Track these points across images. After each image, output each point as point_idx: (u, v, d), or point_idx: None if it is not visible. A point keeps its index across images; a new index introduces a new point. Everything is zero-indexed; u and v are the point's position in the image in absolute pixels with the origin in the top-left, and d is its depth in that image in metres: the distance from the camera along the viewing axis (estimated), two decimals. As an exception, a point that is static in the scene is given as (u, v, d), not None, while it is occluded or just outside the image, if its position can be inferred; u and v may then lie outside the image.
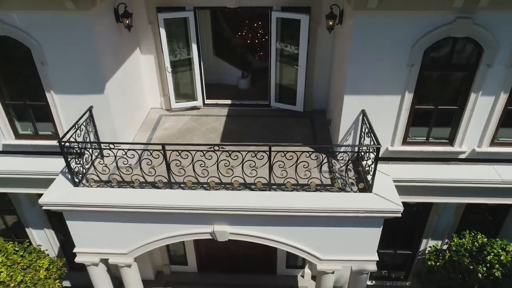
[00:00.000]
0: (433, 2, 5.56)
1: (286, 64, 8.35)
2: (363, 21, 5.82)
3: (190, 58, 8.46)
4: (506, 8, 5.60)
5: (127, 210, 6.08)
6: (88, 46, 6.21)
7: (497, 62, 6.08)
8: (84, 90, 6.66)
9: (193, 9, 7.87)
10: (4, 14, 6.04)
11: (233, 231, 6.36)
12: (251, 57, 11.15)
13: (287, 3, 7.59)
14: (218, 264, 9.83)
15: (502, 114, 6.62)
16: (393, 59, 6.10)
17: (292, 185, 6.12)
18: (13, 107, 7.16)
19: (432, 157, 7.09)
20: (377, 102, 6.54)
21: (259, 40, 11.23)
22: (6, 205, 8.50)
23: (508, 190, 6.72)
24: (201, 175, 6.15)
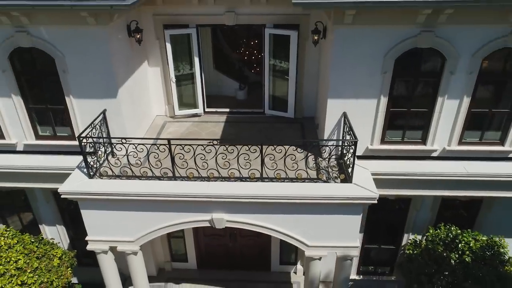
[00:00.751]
0: (399, 18, 6.55)
1: (278, 78, 9.29)
2: (342, 34, 6.81)
3: (192, 73, 9.44)
4: (462, 23, 6.59)
5: (135, 198, 6.88)
6: (104, 56, 7.18)
7: (459, 70, 7.04)
8: (99, 94, 7.58)
9: (196, 27, 8.90)
10: (33, 28, 7.04)
11: (230, 218, 7.14)
12: (248, 72, 12.17)
13: (279, 21, 8.61)
14: (217, 262, 10.49)
15: (467, 116, 7.52)
16: (368, 67, 7.05)
17: (282, 178, 6.94)
18: (35, 111, 8.07)
19: (408, 155, 7.94)
20: (357, 105, 7.45)
21: (255, 57, 12.26)
22: (23, 202, 9.27)
23: (474, 183, 7.54)
24: (201, 167, 6.98)
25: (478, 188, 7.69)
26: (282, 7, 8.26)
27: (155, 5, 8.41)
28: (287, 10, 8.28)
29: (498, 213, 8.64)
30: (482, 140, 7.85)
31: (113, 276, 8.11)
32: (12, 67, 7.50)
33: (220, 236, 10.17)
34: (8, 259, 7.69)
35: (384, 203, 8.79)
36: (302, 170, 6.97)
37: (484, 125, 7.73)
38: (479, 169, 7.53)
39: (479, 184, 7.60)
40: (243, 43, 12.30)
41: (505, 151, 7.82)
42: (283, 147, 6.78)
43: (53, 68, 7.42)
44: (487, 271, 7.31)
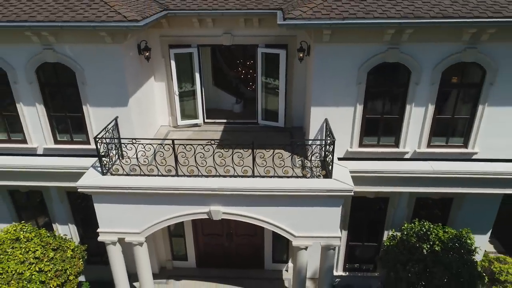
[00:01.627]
0: (368, 37, 7.77)
1: (269, 93, 10.42)
2: (321, 51, 8.01)
3: (194, 90, 10.62)
4: (422, 41, 7.79)
5: (143, 192, 7.87)
6: (118, 69, 8.35)
7: (422, 81, 8.19)
8: (112, 103, 8.70)
9: (197, 46, 10.14)
10: (58, 46, 8.24)
11: (225, 210, 8.10)
12: (244, 88, 13.36)
13: (269, 41, 9.85)
14: (214, 260, 11.32)
15: (433, 121, 8.62)
16: (345, 79, 8.21)
17: (270, 176, 7.93)
18: (55, 118, 9.17)
19: (383, 157, 8.99)
20: (337, 112, 8.57)
21: (250, 75, 13.50)
22: (39, 203, 10.24)
23: (440, 180, 8.54)
24: (200, 165, 8.00)
25: (444, 185, 8.68)
26: (272, 30, 9.52)
27: (162, 28, 9.68)
28: (276, 32, 9.54)
29: (468, 211, 9.60)
30: (448, 143, 8.93)
31: (120, 266, 8.98)
32: (37, 79, 8.67)
33: (217, 235, 11.07)
34: (27, 249, 8.61)
35: (365, 202, 9.79)
36: (288, 167, 8.00)
37: (449, 130, 8.82)
38: (444, 168, 8.55)
39: (445, 181, 8.60)
40: (239, 63, 13.56)
41: (468, 153, 8.87)
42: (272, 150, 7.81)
43: (73, 80, 8.59)
44: (454, 258, 8.21)
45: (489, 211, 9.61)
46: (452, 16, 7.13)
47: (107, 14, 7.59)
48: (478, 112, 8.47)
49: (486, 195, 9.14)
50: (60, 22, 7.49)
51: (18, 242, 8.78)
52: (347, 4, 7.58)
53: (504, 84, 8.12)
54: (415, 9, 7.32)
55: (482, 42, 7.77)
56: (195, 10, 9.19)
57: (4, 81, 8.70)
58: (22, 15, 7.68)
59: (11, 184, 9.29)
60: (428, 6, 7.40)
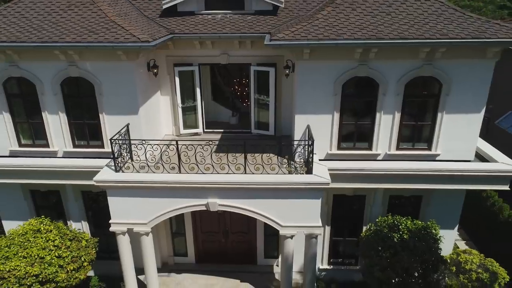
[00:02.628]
0: (341, 55, 9.29)
1: (261, 107, 11.86)
2: (302, 67, 9.53)
3: (195, 103, 12.09)
4: (387, 58, 9.31)
5: (150, 185, 9.19)
6: (131, 83, 9.84)
7: (389, 92, 9.67)
8: (124, 112, 10.14)
9: (198, 65, 11.67)
10: (81, 63, 9.77)
11: (221, 202, 9.39)
12: (239, 103, 14.84)
13: (261, 60, 11.37)
14: (212, 257, 12.47)
15: (400, 127, 10.04)
16: (324, 90, 9.69)
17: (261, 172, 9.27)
18: (75, 125, 10.59)
19: (359, 158, 10.34)
20: (317, 120, 10.00)
21: (245, 92, 15.01)
22: (56, 202, 11.50)
23: (407, 176, 9.85)
24: (200, 163, 9.36)
25: (412, 182, 9.96)
26: (263, 50, 11.04)
27: (168, 48, 11.24)
28: (266, 53, 11.09)
29: (435, 207, 10.86)
30: (414, 146, 10.32)
31: (128, 255, 10.17)
32: (61, 91, 10.14)
33: (215, 233, 12.28)
34: (47, 238, 9.83)
35: (345, 200, 11.08)
36: (275, 165, 9.36)
37: (415, 134, 10.23)
38: (411, 166, 9.90)
39: (412, 178, 9.89)
40: (235, 82, 15.09)
41: (432, 155, 10.24)
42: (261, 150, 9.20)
43: (92, 92, 10.07)
44: (420, 244, 9.44)
45: (454, 207, 10.87)
46: (407, 37, 8.68)
47: (123, 36, 9.14)
48: (438, 119, 9.91)
49: (450, 192, 10.45)
50: (86, 42, 9.04)
51: (39, 232, 10.00)
52: (322, 28, 9.15)
53: (457, 95, 9.60)
54: (377, 32, 8.88)
55: (436, 60, 9.30)
56: (197, 34, 10.76)
57: (33, 92, 10.19)
58: (53, 37, 9.25)
59: (35, 182, 10.58)
60: (388, 30, 8.97)
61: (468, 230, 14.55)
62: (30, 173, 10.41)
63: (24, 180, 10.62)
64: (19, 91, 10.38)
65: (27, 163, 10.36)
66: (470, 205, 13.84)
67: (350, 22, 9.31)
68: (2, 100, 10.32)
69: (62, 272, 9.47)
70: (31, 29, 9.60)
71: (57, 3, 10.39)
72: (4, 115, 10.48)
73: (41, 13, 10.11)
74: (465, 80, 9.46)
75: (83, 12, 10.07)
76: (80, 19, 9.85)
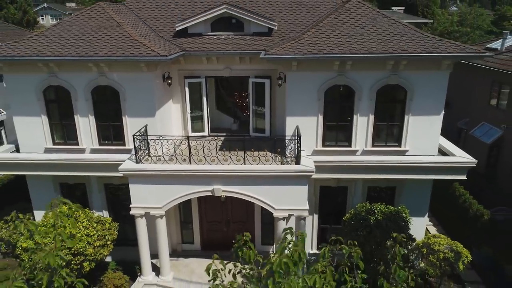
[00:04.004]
0: (323, 67, 11.36)
1: (258, 117, 13.88)
2: (291, 77, 11.59)
3: (202, 109, 14.13)
4: (361, 69, 11.37)
5: (165, 174, 11.07)
6: (149, 90, 11.89)
7: (363, 97, 11.69)
8: (143, 114, 12.13)
9: (205, 77, 13.77)
10: (109, 73, 11.84)
11: (224, 189, 11.25)
12: (240, 113, 16.84)
13: (258, 73, 13.45)
14: (215, 244, 14.15)
15: (374, 127, 12.01)
16: (309, 96, 11.71)
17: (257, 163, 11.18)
18: (101, 126, 12.57)
19: (341, 153, 12.23)
20: (305, 121, 11.97)
21: (245, 104, 17.04)
22: (80, 195, 13.35)
23: (380, 168, 11.73)
24: (207, 155, 11.28)
25: (385, 173, 11.84)
26: (260, 65, 13.14)
27: (180, 63, 13.35)
28: (262, 67, 13.18)
29: (407, 196, 12.67)
30: (387, 143, 12.25)
31: (144, 236, 11.95)
32: (92, 97, 12.18)
33: (218, 222, 14.05)
34: (77, 220, 11.64)
35: (330, 191, 12.91)
36: (269, 157, 11.28)
37: (387, 133, 12.18)
38: (383, 159, 11.80)
39: (385, 169, 11.79)
40: (236, 94, 17.16)
41: (402, 151, 12.16)
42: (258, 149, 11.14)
43: (117, 98, 12.10)
44: (391, 224, 11.23)
45: (424, 196, 12.69)
46: (374, 52, 10.78)
47: (146, 51, 11.25)
48: (405, 120, 11.89)
49: (419, 183, 12.30)
50: (115, 56, 11.15)
51: (69, 216, 11.82)
52: (307, 46, 11.25)
53: (420, 100, 11.61)
54: (351, 48, 10.99)
55: (400, 71, 11.36)
56: (204, 51, 12.89)
57: (67, 99, 12.23)
58: (89, 52, 11.37)
59: (67, 174, 12.47)
60: (360, 46, 11.07)
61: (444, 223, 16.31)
62: (62, 166, 12.32)
63: (57, 172, 12.51)
64: (56, 97, 12.42)
65: (61, 157, 12.28)
66: (447, 202, 15.71)
67: (330, 40, 11.43)
68: (41, 105, 12.35)
69: (90, 248, 11.25)
70: (69, 46, 11.73)
71: (89, 26, 12.58)
72: (42, 118, 12.48)
73: (77, 33, 12.28)
74: (425, 88, 11.49)
75: (111, 33, 12.23)
76: (109, 39, 11.99)
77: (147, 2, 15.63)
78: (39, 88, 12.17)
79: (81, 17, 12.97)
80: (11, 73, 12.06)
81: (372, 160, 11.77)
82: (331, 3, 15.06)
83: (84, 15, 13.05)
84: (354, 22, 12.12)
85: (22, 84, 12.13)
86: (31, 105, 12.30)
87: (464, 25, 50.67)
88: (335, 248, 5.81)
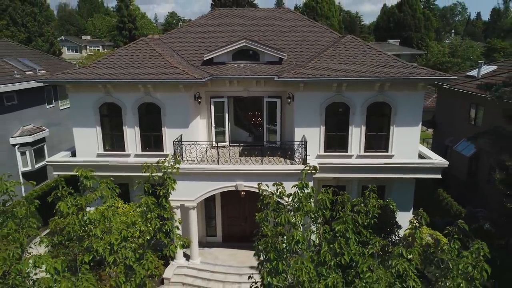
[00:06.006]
0: (324, 88, 14.36)
1: (271, 129, 16.81)
2: (298, 96, 14.57)
3: (224, 128, 17.06)
4: (354, 90, 14.35)
5: (198, 172, 13.85)
6: (185, 106, 14.87)
7: (357, 112, 14.61)
8: (179, 126, 15.05)
9: (227, 97, 16.79)
10: (153, 93, 14.86)
11: (246, 184, 13.98)
12: (254, 129, 19.77)
13: (271, 94, 16.46)
14: (234, 237, 16.68)
15: (366, 137, 14.86)
16: (313, 111, 14.65)
17: (272, 164, 13.96)
18: (144, 136, 15.47)
19: (339, 157, 15.02)
20: (310, 131, 14.85)
21: (258, 122, 20.01)
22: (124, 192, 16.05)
23: (371, 168, 14.47)
24: (231, 157, 14.08)
25: (375, 172, 14.58)
26: (272, 87, 16.16)
27: (207, 86, 16.40)
28: (274, 89, 16.20)
29: (395, 194, 15.32)
30: (376, 150, 15.06)
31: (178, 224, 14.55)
32: (138, 112, 15.15)
33: (237, 218, 16.65)
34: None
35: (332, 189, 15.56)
36: (282, 159, 14.09)
37: (376, 141, 15.01)
38: (373, 161, 14.57)
39: (375, 169, 14.53)
40: (251, 113, 20.15)
41: (389, 155, 14.95)
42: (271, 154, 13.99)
43: (158, 113, 15.07)
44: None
45: (408, 194, 15.36)
46: (364, 76, 13.80)
47: (184, 75, 14.31)
48: (391, 131, 14.76)
49: (404, 182, 15.00)
50: (161, 79, 14.21)
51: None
52: (311, 71, 14.30)
53: (402, 114, 14.51)
54: (346, 73, 14.03)
55: (386, 91, 14.34)
56: (228, 76, 15.96)
57: (118, 113, 15.21)
58: (139, 76, 14.46)
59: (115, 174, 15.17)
60: (353, 72, 14.11)
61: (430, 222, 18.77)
62: (112, 168, 15.12)
63: (107, 173, 15.25)
64: (108, 112, 15.41)
65: (113, 160, 15.13)
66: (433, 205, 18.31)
67: (329, 67, 14.50)
68: (97, 118, 15.33)
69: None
70: (123, 71, 14.84)
71: (136, 56, 15.75)
72: (97, 129, 15.42)
73: (127, 62, 15.42)
74: (406, 105, 14.43)
75: (154, 61, 15.36)
76: (153, 66, 15.11)
77: (178, 37, 18.93)
78: (96, 104, 15.19)
79: (129, 49, 16.19)
80: (75, 92, 15.13)
81: (364, 162, 14.55)
82: (330, 38, 18.28)
83: (132, 47, 16.27)
84: (348, 53, 15.23)
85: (82, 101, 15.16)
86: (89, 118, 15.28)
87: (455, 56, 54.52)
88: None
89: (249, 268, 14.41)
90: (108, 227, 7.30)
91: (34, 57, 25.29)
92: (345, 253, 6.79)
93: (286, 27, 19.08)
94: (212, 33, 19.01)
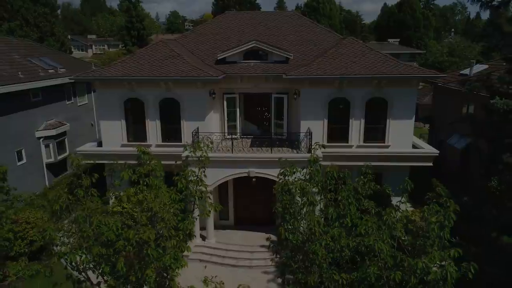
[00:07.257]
0: (327, 84, 15.97)
1: (278, 123, 18.44)
2: (304, 92, 16.19)
3: (235, 123, 18.68)
4: (354, 86, 15.96)
5: (214, 159, 15.44)
6: (202, 101, 16.51)
7: (356, 106, 16.23)
8: (196, 119, 16.67)
9: (238, 93, 18.41)
10: (173, 89, 16.47)
11: (257, 171, 15.61)
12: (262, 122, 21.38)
13: (278, 90, 18.07)
14: (245, 220, 18.30)
15: (365, 128, 16.47)
16: (317, 105, 16.26)
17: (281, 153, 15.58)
18: (164, 128, 17.09)
19: (341, 147, 16.64)
20: (314, 124, 16.46)
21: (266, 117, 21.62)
22: (146, 179, 17.67)
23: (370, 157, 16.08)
24: (244, 147, 15.70)
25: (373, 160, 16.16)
26: (280, 84, 17.77)
27: (220, 83, 18.01)
28: (282, 86, 17.81)
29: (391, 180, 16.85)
30: (375, 140, 16.67)
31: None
32: (159, 106, 16.78)
33: (248, 203, 18.26)
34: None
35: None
36: (289, 149, 15.72)
37: (375, 133, 16.62)
38: (371, 150, 16.19)
39: (373, 158, 16.12)
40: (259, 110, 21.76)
41: (386, 145, 16.58)
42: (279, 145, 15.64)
43: (177, 107, 16.69)
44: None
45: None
46: (363, 74, 15.41)
47: (202, 74, 15.92)
48: (387, 123, 16.37)
49: (399, 170, 16.60)
50: (181, 77, 15.83)
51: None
52: (316, 69, 15.92)
53: (397, 108, 16.13)
54: (346, 71, 15.64)
55: (383, 87, 15.95)
56: (239, 74, 17.58)
57: (141, 108, 16.84)
58: (162, 74, 16.07)
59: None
60: (353, 70, 15.72)
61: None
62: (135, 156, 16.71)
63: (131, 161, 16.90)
64: (131, 106, 17.04)
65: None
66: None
67: (332, 66, 16.11)
68: (121, 112, 16.96)
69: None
70: (145, 70, 16.47)
71: (157, 56, 17.37)
72: (122, 122, 17.06)
73: (150, 61, 17.05)
74: (401, 100, 16.04)
75: (174, 61, 16.98)
76: (173, 65, 16.73)
77: (192, 38, 20.55)
78: (121, 99, 16.82)
79: (150, 50, 17.82)
80: (102, 89, 16.76)
81: (364, 151, 16.17)
82: (332, 39, 19.88)
83: (152, 48, 17.91)
84: (349, 53, 16.84)
85: (109, 97, 16.79)
86: (114, 112, 16.92)
87: (453, 55, 56.04)
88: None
89: (260, 247, 16.05)
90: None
91: (54, 56, 26.92)
92: (347, 216, 8.40)
93: (291, 29, 20.71)
94: (223, 34, 20.64)
